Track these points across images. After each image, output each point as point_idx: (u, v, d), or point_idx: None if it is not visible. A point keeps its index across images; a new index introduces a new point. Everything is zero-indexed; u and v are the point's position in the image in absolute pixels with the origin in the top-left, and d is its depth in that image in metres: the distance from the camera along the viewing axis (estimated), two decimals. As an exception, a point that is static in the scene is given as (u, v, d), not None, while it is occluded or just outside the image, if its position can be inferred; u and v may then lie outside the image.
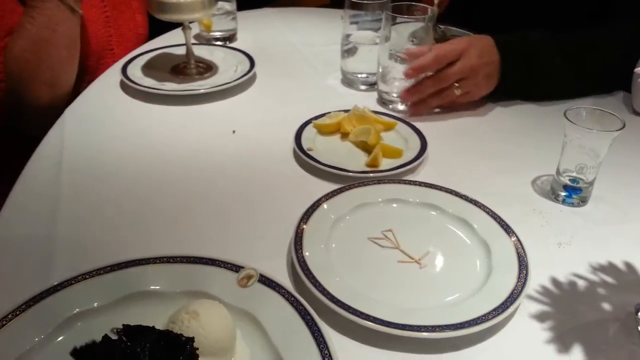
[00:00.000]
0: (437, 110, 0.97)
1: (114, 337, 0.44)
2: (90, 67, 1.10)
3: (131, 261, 0.55)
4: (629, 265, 0.62)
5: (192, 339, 0.43)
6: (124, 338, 0.43)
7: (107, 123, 0.90)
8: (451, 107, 0.96)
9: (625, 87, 0.99)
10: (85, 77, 1.09)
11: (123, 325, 0.44)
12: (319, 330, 0.49)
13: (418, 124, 0.87)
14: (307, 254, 0.59)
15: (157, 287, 0.54)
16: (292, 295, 0.53)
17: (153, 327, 0.44)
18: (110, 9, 1.13)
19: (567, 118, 0.68)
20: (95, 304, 0.51)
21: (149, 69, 1.04)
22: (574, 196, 0.72)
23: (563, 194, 0.72)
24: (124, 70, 1.02)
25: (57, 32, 0.98)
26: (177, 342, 0.43)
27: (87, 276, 0.54)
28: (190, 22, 1.02)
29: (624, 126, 0.66)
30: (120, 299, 0.52)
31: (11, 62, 0.96)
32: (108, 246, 0.63)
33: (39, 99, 0.99)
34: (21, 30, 0.96)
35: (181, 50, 1.07)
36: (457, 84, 0.91)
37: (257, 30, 1.32)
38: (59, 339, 0.49)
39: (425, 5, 0.93)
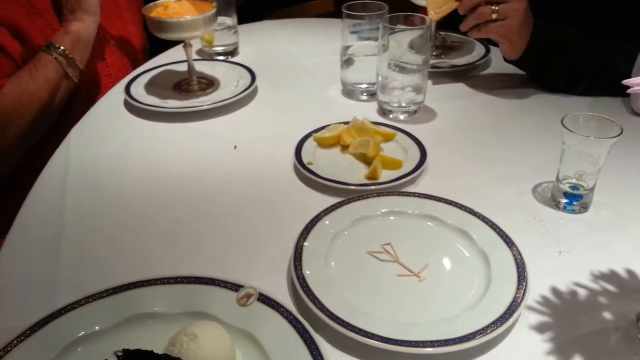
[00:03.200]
0: (438, 118, 0.97)
1: (115, 361, 0.45)
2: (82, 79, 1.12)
3: (132, 283, 0.56)
4: (630, 272, 0.62)
5: (189, 363, 0.44)
6: (124, 362, 0.44)
7: (111, 142, 0.92)
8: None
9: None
10: (81, 93, 1.12)
11: (123, 349, 0.45)
12: (318, 349, 0.50)
13: (417, 134, 0.88)
14: (306, 271, 0.60)
15: (158, 309, 0.54)
16: (291, 314, 0.53)
17: (151, 351, 0.45)
18: (101, 19, 1.14)
19: (564, 125, 0.68)
20: (97, 327, 0.52)
21: (152, 86, 1.06)
22: (574, 203, 0.72)
23: (564, 201, 0.72)
24: (127, 89, 1.03)
25: (54, 95, 1.03)
26: (175, 366, 0.43)
27: (90, 299, 0.55)
28: (192, 40, 1.03)
29: (621, 132, 0.66)
30: (122, 322, 0.53)
31: (1, 108, 0.98)
32: (111, 266, 0.64)
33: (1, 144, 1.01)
34: (21, 84, 0.99)
35: (183, 67, 1.08)
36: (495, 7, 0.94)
37: (258, 43, 1.33)
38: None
39: (422, 15, 0.93)
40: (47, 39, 1.03)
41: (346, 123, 0.89)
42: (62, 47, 1.02)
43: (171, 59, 1.18)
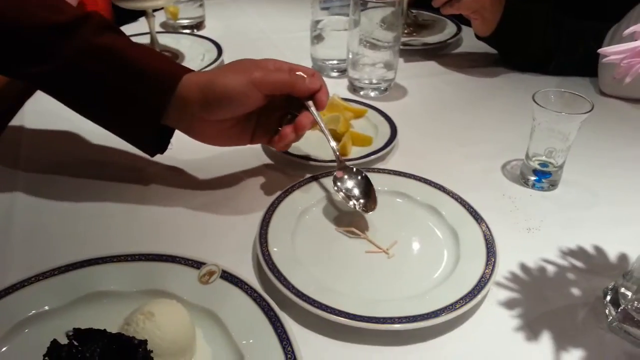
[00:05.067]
0: (409, 96, 0.96)
1: (65, 341, 0.42)
2: None
3: (87, 260, 0.53)
4: (598, 249, 0.62)
5: (144, 342, 0.41)
6: (75, 342, 0.41)
7: (67, 116, 0.86)
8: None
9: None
10: None
11: (74, 328, 0.43)
12: (282, 327, 0.48)
13: (388, 111, 0.86)
14: (272, 247, 0.58)
15: (114, 287, 0.51)
16: (255, 291, 0.51)
17: (104, 330, 0.42)
18: None
19: (535, 101, 0.67)
20: (47, 307, 0.49)
21: (113, 59, 1.01)
22: (543, 180, 0.71)
23: (533, 178, 0.72)
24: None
25: None
26: (129, 345, 0.41)
27: (41, 277, 0.51)
28: (155, 10, 0.99)
29: (592, 108, 0.65)
30: (75, 301, 0.50)
31: None
32: (66, 244, 0.61)
33: None
34: None
35: (146, 39, 1.04)
36: None
37: (226, 17, 1.29)
38: (4, 348, 0.47)
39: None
40: None
41: (315, 99, 0.87)
42: None
43: (133, 31, 1.12)
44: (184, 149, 0.78)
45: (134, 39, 0.95)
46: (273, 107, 0.66)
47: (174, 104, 0.61)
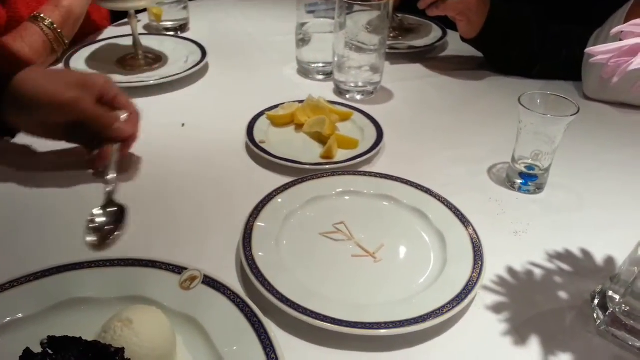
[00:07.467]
0: (395, 99, 0.96)
1: (39, 350, 0.40)
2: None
3: (63, 266, 0.51)
4: (585, 252, 0.62)
5: (122, 350, 0.40)
6: (49, 351, 0.40)
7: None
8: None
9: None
10: None
11: (48, 336, 0.41)
12: (266, 334, 0.46)
13: (374, 114, 0.85)
14: (256, 251, 0.56)
15: (92, 294, 0.50)
16: (238, 297, 0.50)
17: (80, 337, 0.41)
18: None
19: (521, 104, 0.66)
20: (21, 315, 0.47)
21: (94, 61, 0.99)
22: (529, 183, 0.71)
23: (519, 181, 0.71)
24: (66, 63, 0.96)
25: None
26: (105, 353, 0.39)
27: (15, 284, 0.50)
28: (139, 12, 0.97)
29: (578, 110, 0.65)
30: (50, 308, 0.48)
31: None
32: (40, 249, 0.59)
33: None
34: None
35: (128, 41, 1.02)
36: None
37: (210, 19, 1.28)
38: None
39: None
40: (31, 10, 0.93)
41: (301, 102, 0.86)
42: (50, 20, 0.92)
43: (117, 33, 1.11)
44: (165, 152, 0.77)
45: (118, 40, 0.92)
46: None
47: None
